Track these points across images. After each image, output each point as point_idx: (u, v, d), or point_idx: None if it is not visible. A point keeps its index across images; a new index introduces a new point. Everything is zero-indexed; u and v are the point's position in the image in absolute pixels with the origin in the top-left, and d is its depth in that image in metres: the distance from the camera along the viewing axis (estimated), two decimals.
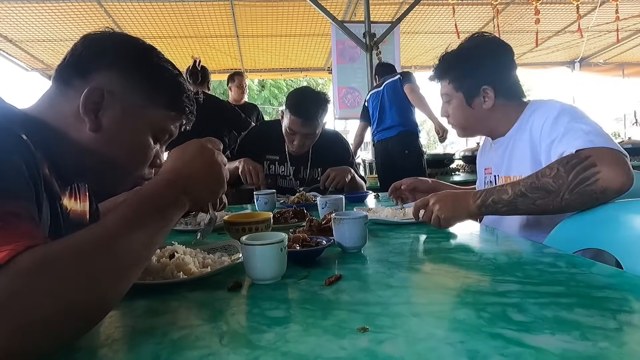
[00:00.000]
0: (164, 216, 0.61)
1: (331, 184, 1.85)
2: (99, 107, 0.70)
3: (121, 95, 0.72)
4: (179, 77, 0.80)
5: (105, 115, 0.71)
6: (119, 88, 0.72)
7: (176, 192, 0.64)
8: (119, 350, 0.52)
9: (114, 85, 0.72)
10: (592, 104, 20.23)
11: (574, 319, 0.54)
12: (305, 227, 1.09)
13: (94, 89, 0.70)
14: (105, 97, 0.70)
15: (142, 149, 0.77)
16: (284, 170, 2.05)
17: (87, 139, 0.71)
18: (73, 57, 0.73)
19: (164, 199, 0.61)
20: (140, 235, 0.55)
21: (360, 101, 4.27)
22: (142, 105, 0.75)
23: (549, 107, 1.17)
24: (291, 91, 1.99)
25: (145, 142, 0.77)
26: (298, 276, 0.77)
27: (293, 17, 5.02)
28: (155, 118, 0.77)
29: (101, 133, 0.71)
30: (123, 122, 0.73)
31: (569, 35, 5.84)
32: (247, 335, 0.54)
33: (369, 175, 3.53)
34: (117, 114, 0.72)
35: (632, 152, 4.07)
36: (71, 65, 0.73)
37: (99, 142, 0.72)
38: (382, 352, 0.47)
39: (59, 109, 0.72)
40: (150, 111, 0.76)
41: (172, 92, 0.78)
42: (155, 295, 0.70)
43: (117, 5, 4.48)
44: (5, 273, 0.43)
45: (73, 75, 0.72)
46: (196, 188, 0.67)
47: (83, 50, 0.73)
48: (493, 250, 0.90)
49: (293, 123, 1.88)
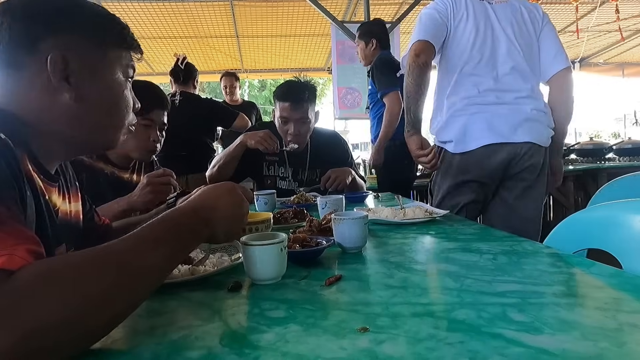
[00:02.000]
0: (181, 242, 0.61)
1: (332, 186, 1.85)
2: (66, 73, 0.68)
3: (79, 53, 0.70)
4: (115, 17, 0.79)
5: (77, 77, 0.70)
6: (73, 47, 0.70)
7: (198, 220, 0.65)
8: (119, 350, 0.52)
9: (67, 46, 0.69)
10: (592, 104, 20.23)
11: (574, 319, 0.54)
12: (305, 227, 1.09)
13: (55, 58, 0.67)
14: (69, 61, 0.68)
15: (120, 94, 0.77)
16: (283, 171, 2.05)
17: (66, 110, 0.69)
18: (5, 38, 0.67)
19: (184, 225, 0.62)
20: (154, 257, 0.55)
21: (360, 101, 4.27)
22: (100, 54, 0.73)
23: None
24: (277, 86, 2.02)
25: (120, 87, 0.77)
26: (298, 276, 0.77)
27: (293, 17, 5.02)
28: (116, 61, 0.76)
29: (80, 96, 0.70)
30: (94, 76, 0.72)
31: (569, 35, 5.83)
32: (247, 335, 0.54)
33: (368, 175, 3.52)
34: (85, 71, 0.71)
35: (632, 152, 4.06)
36: (10, 46, 0.67)
37: (79, 107, 0.70)
38: (382, 352, 0.47)
39: (20, 96, 0.68)
40: (109, 56, 0.75)
41: (117, 32, 0.77)
42: (155, 295, 0.70)
43: (117, 5, 4.47)
44: (7, 282, 0.43)
45: (18, 54, 0.67)
46: (218, 222, 0.68)
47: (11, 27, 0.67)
48: (493, 250, 0.90)
49: (283, 109, 1.90)
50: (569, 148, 4.30)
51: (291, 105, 1.88)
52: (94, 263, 0.50)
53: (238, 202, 0.72)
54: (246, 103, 4.38)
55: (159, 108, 1.50)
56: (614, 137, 7.30)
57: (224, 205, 0.69)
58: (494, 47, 1.64)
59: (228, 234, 0.72)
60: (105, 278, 0.49)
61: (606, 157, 4.24)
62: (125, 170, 1.56)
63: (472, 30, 1.64)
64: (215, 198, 0.69)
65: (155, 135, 1.51)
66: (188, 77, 3.00)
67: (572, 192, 3.84)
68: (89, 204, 0.98)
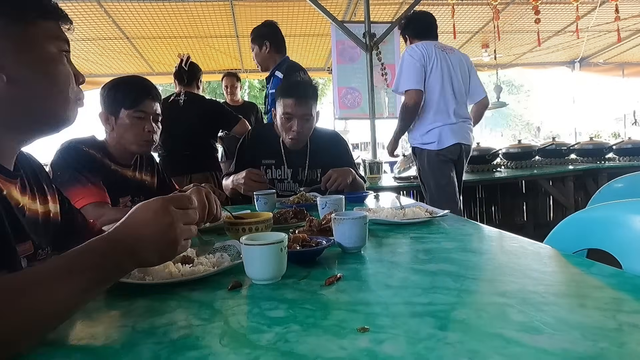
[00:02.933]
0: (100, 275, 0.58)
1: (332, 186, 1.85)
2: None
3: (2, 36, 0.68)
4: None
5: (4, 59, 0.68)
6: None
7: (122, 254, 0.61)
8: (119, 350, 0.52)
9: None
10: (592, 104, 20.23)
11: (574, 319, 0.54)
12: (305, 227, 1.09)
13: None
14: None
15: (55, 66, 0.74)
16: (281, 173, 2.03)
17: (4, 93, 0.68)
18: None
19: (107, 258, 0.59)
20: (66, 292, 0.53)
21: (360, 101, 4.27)
22: (21, 28, 0.70)
23: None
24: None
25: (52, 59, 0.73)
26: (298, 276, 0.77)
27: (293, 17, 5.01)
28: (41, 33, 0.72)
29: (14, 77, 0.68)
30: (21, 54, 0.69)
31: (569, 35, 5.83)
32: (247, 335, 0.54)
33: (369, 175, 3.52)
34: (9, 51, 0.68)
35: (632, 152, 4.06)
36: None
37: (15, 88, 0.69)
38: (382, 352, 0.47)
39: None
40: (31, 30, 0.71)
41: (33, 2, 0.73)
42: (155, 295, 0.70)
43: (117, 5, 4.47)
44: None
45: None
46: (145, 251, 0.64)
47: None
48: (493, 250, 0.90)
49: (287, 106, 1.89)
50: (569, 148, 4.31)
51: (295, 101, 1.87)
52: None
53: (167, 223, 0.64)
54: (247, 104, 4.38)
55: (149, 99, 1.51)
56: (614, 137, 7.30)
57: (151, 232, 0.64)
58: (453, 86, 2.66)
59: (160, 258, 0.67)
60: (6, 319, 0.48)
61: (606, 157, 4.24)
62: (127, 167, 1.56)
63: (440, 73, 2.62)
64: (141, 225, 0.64)
65: (150, 126, 1.51)
66: (192, 77, 3.00)
67: (572, 192, 3.84)
68: (68, 204, 0.97)
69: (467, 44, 6.34)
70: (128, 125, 1.49)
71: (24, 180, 0.79)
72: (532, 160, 4.06)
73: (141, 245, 0.63)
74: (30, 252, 0.74)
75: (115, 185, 1.48)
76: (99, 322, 0.61)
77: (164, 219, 0.65)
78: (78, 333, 0.57)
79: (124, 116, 1.48)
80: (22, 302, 0.50)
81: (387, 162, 5.12)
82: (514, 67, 7.43)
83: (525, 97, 22.78)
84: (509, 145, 4.26)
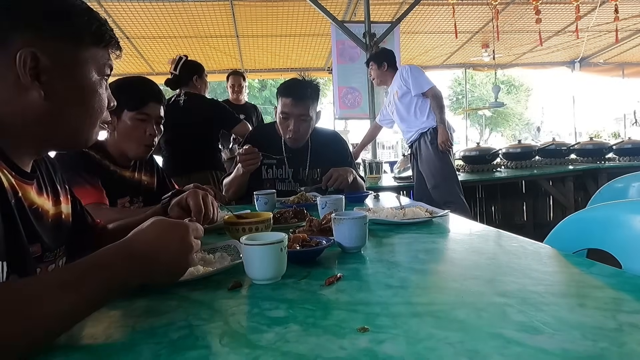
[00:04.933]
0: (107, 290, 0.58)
1: (333, 184, 1.85)
2: (37, 71, 0.66)
3: (50, 50, 0.68)
4: (91, 11, 0.75)
5: (48, 76, 0.67)
6: (45, 44, 0.68)
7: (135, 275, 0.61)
8: (119, 350, 0.52)
9: (36, 43, 0.67)
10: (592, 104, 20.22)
11: (574, 319, 0.54)
12: (305, 227, 1.09)
13: (24, 56, 0.65)
14: (40, 59, 0.66)
15: (94, 92, 0.74)
16: (282, 173, 2.04)
17: (38, 106, 0.68)
18: None
19: (115, 273, 0.59)
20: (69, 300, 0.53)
21: (360, 101, 4.27)
22: (73, 51, 0.71)
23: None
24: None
25: (94, 85, 0.74)
26: (298, 276, 0.77)
27: (293, 17, 5.02)
28: (90, 58, 0.73)
29: (51, 94, 0.68)
30: (66, 74, 0.70)
31: (569, 35, 5.83)
32: (247, 335, 0.54)
33: (368, 175, 3.52)
34: (57, 69, 0.69)
35: (632, 152, 4.06)
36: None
37: (51, 104, 0.69)
38: (382, 352, 0.47)
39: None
40: (82, 54, 0.72)
41: (91, 27, 0.74)
42: (155, 295, 0.70)
43: (117, 5, 4.48)
44: None
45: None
46: (157, 275, 0.65)
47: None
48: (493, 250, 0.90)
49: (285, 105, 1.90)
50: (569, 148, 4.31)
51: (292, 101, 1.88)
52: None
53: (185, 257, 0.66)
54: (249, 105, 4.38)
55: (154, 101, 1.49)
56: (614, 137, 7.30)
57: (168, 261, 0.64)
58: None
59: (169, 280, 0.68)
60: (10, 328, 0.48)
61: (606, 157, 4.24)
62: (126, 168, 1.56)
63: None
64: (160, 250, 0.64)
65: (152, 129, 1.50)
66: (187, 77, 2.97)
67: (572, 192, 3.84)
68: (80, 205, 0.97)
69: (467, 44, 6.35)
70: (130, 127, 1.46)
71: (39, 181, 0.79)
72: (532, 160, 4.06)
73: (157, 269, 0.64)
74: (37, 254, 0.74)
75: (114, 186, 1.47)
76: (99, 322, 0.61)
77: (184, 247, 0.65)
78: (78, 333, 0.57)
79: (127, 118, 1.46)
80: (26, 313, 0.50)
81: (387, 162, 5.12)
82: (513, 67, 7.44)
83: (525, 97, 22.80)
84: (509, 145, 4.27)
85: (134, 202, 1.55)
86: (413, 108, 3.25)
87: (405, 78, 3.21)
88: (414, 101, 3.24)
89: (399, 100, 3.27)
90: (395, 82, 3.29)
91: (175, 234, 0.66)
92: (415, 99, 3.21)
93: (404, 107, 3.31)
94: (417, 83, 3.19)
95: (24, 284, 0.54)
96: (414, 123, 3.25)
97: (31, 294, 0.52)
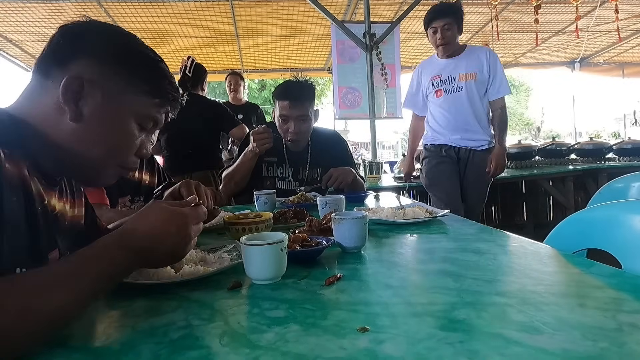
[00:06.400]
0: (105, 282, 0.60)
1: (333, 184, 1.85)
2: (79, 96, 0.68)
3: (101, 84, 0.70)
4: (160, 64, 0.78)
5: (86, 104, 0.69)
6: (99, 76, 0.70)
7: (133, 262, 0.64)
8: (119, 350, 0.52)
9: (93, 73, 0.69)
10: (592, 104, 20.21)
11: (574, 319, 0.54)
12: (305, 227, 1.09)
13: (73, 78, 0.67)
14: (85, 86, 0.68)
15: (125, 137, 0.75)
16: (282, 172, 2.04)
17: (69, 131, 0.69)
18: (51, 47, 0.70)
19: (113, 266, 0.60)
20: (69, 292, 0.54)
21: (360, 101, 4.27)
22: (123, 93, 0.72)
23: None
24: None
25: (128, 130, 0.75)
26: (298, 276, 0.77)
27: (293, 17, 5.01)
28: (137, 105, 0.74)
29: (82, 122, 0.69)
30: (104, 110, 0.71)
31: (569, 35, 5.82)
32: (247, 335, 0.54)
33: (368, 175, 3.52)
34: (97, 102, 0.70)
35: (632, 152, 4.06)
36: (49, 56, 0.70)
37: (81, 133, 0.70)
38: (382, 352, 0.47)
39: (38, 103, 0.70)
40: (131, 99, 0.73)
41: (153, 79, 0.76)
42: (155, 295, 0.70)
43: (117, 5, 4.47)
44: None
45: (51, 66, 0.69)
46: (155, 262, 0.68)
47: (60, 39, 0.70)
48: (493, 250, 0.90)
49: (282, 108, 1.90)
50: (569, 148, 4.31)
51: (290, 103, 1.88)
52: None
53: (184, 244, 0.68)
54: (249, 104, 4.40)
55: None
56: (614, 137, 7.31)
57: (166, 249, 0.66)
58: None
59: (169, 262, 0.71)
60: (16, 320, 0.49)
61: (606, 157, 4.23)
62: None
63: None
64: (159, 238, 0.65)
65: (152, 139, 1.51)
66: (196, 81, 3.03)
67: (572, 192, 3.84)
68: (92, 208, 0.98)
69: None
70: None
71: (61, 185, 0.80)
72: (532, 161, 4.06)
73: (154, 258, 0.66)
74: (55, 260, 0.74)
75: (115, 185, 1.47)
76: (99, 322, 0.61)
77: (183, 238, 0.67)
78: (78, 333, 0.57)
79: None
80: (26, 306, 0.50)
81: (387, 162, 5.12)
82: (513, 67, 7.43)
83: (525, 97, 22.79)
84: (509, 145, 4.25)
85: (135, 201, 1.55)
86: (485, 108, 2.58)
87: (492, 65, 2.52)
88: (486, 100, 2.57)
89: (474, 86, 2.52)
90: (473, 62, 2.54)
91: (174, 224, 0.67)
92: (486, 98, 2.56)
93: (479, 100, 2.54)
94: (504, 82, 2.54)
95: (23, 277, 0.55)
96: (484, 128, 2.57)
97: (32, 287, 0.52)
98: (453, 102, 2.57)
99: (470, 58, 2.56)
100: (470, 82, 2.53)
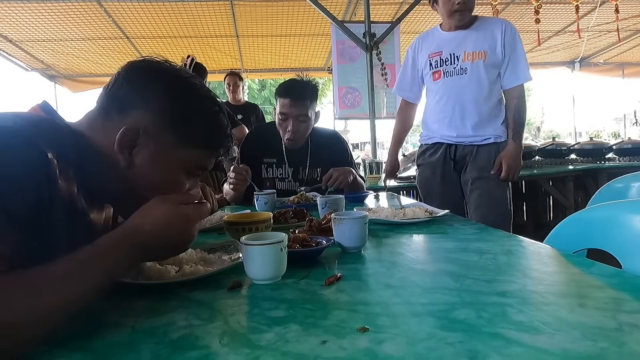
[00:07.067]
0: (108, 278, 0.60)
1: (333, 184, 1.85)
2: (133, 144, 0.71)
3: (157, 135, 0.72)
4: (217, 115, 0.79)
5: (140, 153, 0.72)
6: (156, 127, 0.72)
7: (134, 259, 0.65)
8: (119, 350, 0.51)
9: (150, 124, 0.72)
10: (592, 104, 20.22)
11: (574, 319, 0.54)
12: (305, 227, 1.09)
13: (130, 129, 0.70)
14: (141, 136, 0.71)
15: (173, 185, 0.76)
16: (282, 172, 2.04)
17: (120, 171, 0.72)
18: (114, 87, 0.74)
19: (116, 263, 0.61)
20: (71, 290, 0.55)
21: (360, 101, 4.27)
22: (178, 145, 0.74)
23: None
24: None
25: (177, 180, 0.77)
26: (298, 276, 0.77)
27: (293, 17, 5.01)
28: (190, 157, 0.76)
29: (134, 169, 0.72)
30: (156, 160, 0.73)
31: (569, 35, 5.83)
32: (247, 335, 0.54)
33: (368, 175, 3.52)
34: (151, 152, 0.72)
35: (632, 152, 4.06)
36: (112, 97, 0.74)
37: (131, 177, 0.72)
38: (382, 352, 0.47)
39: (97, 136, 0.72)
40: (185, 150, 0.75)
41: (209, 132, 0.78)
42: (155, 295, 0.70)
43: (117, 5, 4.47)
44: None
45: (112, 108, 0.73)
46: (156, 256, 0.71)
47: (124, 83, 0.73)
48: (493, 250, 0.90)
49: (283, 106, 1.90)
50: (569, 148, 4.31)
51: (291, 101, 1.88)
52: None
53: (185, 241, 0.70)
54: (248, 104, 4.40)
55: None
56: (614, 137, 7.31)
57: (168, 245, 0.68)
58: None
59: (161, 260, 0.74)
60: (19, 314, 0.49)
61: (606, 157, 4.24)
62: None
63: None
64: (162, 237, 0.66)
65: None
66: None
67: (572, 192, 3.84)
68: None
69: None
70: None
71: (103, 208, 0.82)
72: (532, 160, 4.06)
73: (154, 255, 0.69)
74: None
75: None
76: (99, 322, 0.61)
77: (186, 236, 0.69)
78: (78, 333, 0.57)
79: None
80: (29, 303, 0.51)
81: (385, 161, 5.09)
82: None
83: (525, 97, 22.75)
84: None
85: None
86: (496, 97, 2.02)
87: (510, 43, 1.96)
88: (497, 88, 2.03)
89: (483, 67, 1.97)
90: (484, 37, 1.99)
91: (178, 225, 0.68)
92: (498, 84, 2.02)
93: (487, 87, 1.99)
94: (524, 65, 2.00)
95: (27, 274, 0.55)
96: (493, 120, 2.02)
97: (35, 284, 0.53)
98: (452, 88, 2.01)
99: (481, 32, 1.99)
100: (477, 63, 1.96)
